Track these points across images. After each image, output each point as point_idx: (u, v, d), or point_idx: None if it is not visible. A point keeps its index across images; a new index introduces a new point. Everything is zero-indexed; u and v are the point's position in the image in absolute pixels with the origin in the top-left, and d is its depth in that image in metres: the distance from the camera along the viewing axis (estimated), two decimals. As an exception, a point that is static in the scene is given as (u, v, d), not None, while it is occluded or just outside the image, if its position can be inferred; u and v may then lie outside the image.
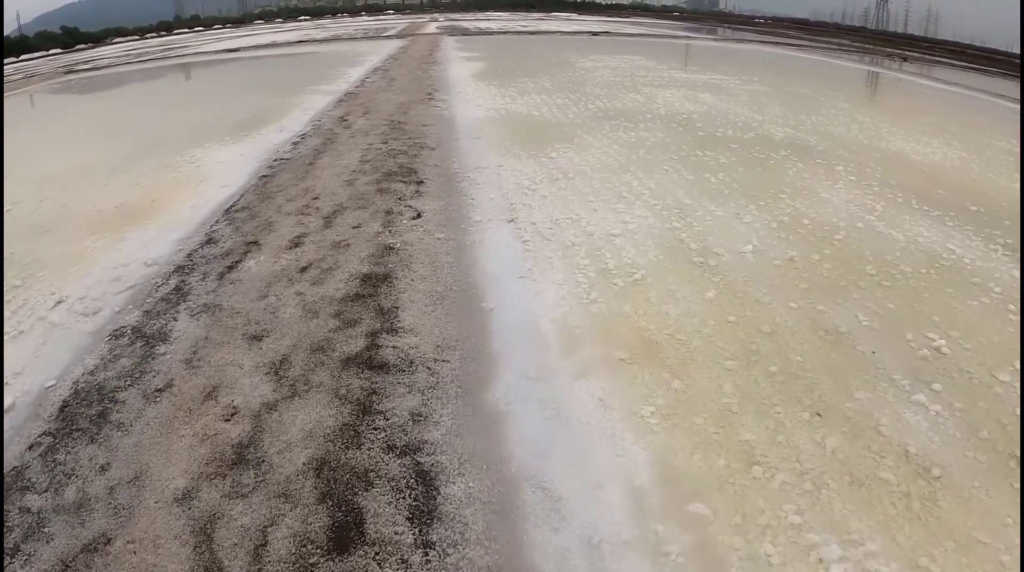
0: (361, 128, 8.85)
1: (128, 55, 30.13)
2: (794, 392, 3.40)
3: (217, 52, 27.18)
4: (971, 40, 41.41)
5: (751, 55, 21.61)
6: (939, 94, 15.04)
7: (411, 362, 3.38)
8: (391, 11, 67.87)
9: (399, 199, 5.75)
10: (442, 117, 9.55)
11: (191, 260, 4.95)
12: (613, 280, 4.31)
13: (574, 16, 46.63)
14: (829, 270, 4.71)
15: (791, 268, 4.67)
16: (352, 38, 30.52)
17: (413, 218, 5.24)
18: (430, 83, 13.10)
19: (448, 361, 3.38)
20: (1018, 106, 13.97)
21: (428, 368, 3.34)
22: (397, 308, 3.88)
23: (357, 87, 12.99)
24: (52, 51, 39.38)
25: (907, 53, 27.61)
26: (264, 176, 6.93)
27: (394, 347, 3.50)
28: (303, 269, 4.47)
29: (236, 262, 4.75)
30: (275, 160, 7.57)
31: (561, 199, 5.80)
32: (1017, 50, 40.80)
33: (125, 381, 3.54)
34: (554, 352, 3.51)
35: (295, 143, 8.32)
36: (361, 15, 65.56)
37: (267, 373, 3.42)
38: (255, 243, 5.02)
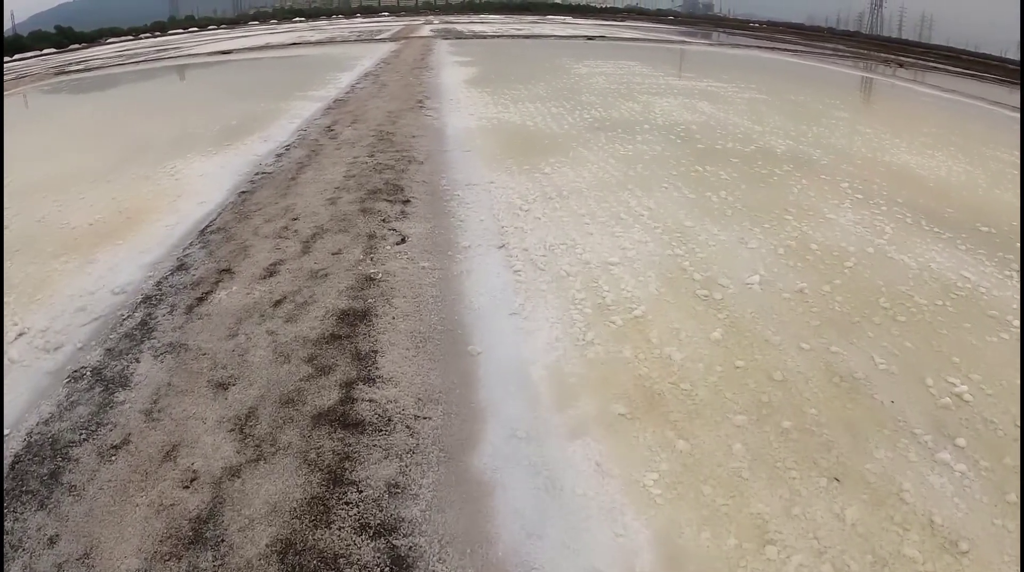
0: (348, 139, 8.50)
1: (121, 56, 29.69)
2: (809, 452, 3.07)
3: (210, 54, 26.76)
4: (965, 45, 41.30)
5: (747, 61, 21.33)
6: (938, 102, 14.79)
7: (389, 420, 3.03)
8: (386, 13, 67.46)
9: (383, 221, 5.40)
10: (432, 127, 9.20)
11: (160, 289, 4.60)
12: (611, 317, 3.98)
13: (569, 20, 46.32)
14: (841, 303, 4.39)
15: (801, 302, 4.35)
16: (346, 40, 30.14)
17: (397, 243, 4.89)
18: (421, 90, 12.75)
19: (430, 418, 3.04)
20: (1017, 114, 13.72)
21: (408, 427, 2.99)
22: (375, 352, 3.53)
23: (347, 93, 12.63)
24: (46, 51, 38.93)
25: (903, 59, 27.40)
26: (244, 192, 6.57)
27: (371, 401, 3.15)
28: (277, 303, 4.12)
29: (206, 293, 4.40)
30: (256, 174, 7.21)
31: (555, 221, 5.46)
32: (1011, 55, 40.71)
33: (80, 434, 3.19)
34: (547, 406, 3.17)
35: (279, 155, 7.96)
36: (356, 17, 65.13)
37: (231, 430, 3.08)
38: (228, 271, 4.67)
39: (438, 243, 4.93)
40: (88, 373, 3.72)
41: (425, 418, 3.03)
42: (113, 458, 3.03)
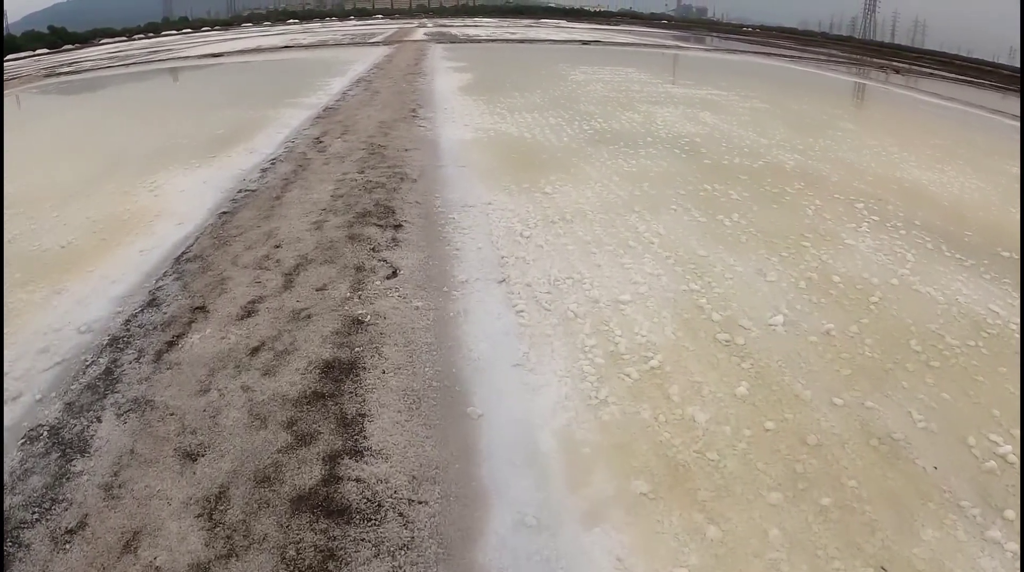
0: (337, 152, 8.06)
1: (112, 57, 29.15)
2: (852, 535, 2.68)
3: (201, 57, 26.25)
4: (957, 50, 41.22)
5: (745, 67, 21.01)
6: (940, 111, 14.49)
7: (379, 505, 2.62)
8: (379, 16, 66.92)
9: (373, 250, 4.98)
10: (426, 139, 8.78)
11: (128, 330, 4.16)
12: (626, 369, 3.57)
13: (563, 23, 45.92)
14: (871, 347, 4.01)
15: (829, 346, 3.96)
16: (338, 44, 29.65)
17: (388, 277, 4.47)
18: (415, 97, 12.32)
19: (426, 503, 2.63)
20: (1018, 123, 13.43)
21: (401, 514, 2.58)
22: (363, 416, 3.11)
23: (338, 101, 12.18)
24: (39, 51, 38.41)
25: (898, 65, 27.17)
26: (225, 213, 6.14)
27: (358, 480, 2.73)
28: (254, 350, 3.69)
29: (178, 336, 3.97)
30: (240, 192, 6.77)
31: (559, 250, 5.06)
32: (1002, 60, 40.65)
33: (33, 513, 2.78)
34: (559, 484, 2.77)
35: (264, 170, 7.52)
36: (350, 19, 64.60)
37: (200, 515, 2.66)
38: (202, 309, 4.24)
39: (432, 277, 4.52)
40: (46, 433, 3.30)
41: (421, 503, 2.62)
42: (67, 546, 2.62)
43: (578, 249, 5.04)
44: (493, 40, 28.33)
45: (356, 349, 3.62)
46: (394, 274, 4.46)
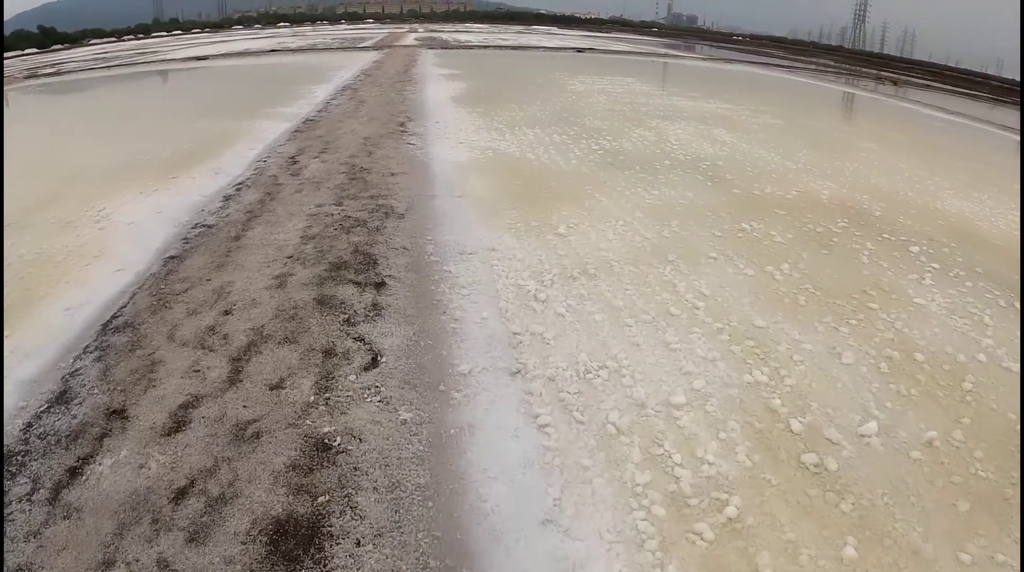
0: (313, 176, 6.92)
1: (98, 59, 27.90)
2: None
3: (185, 60, 25.02)
4: (946, 60, 40.62)
5: (746, 78, 20.05)
6: (952, 128, 13.59)
7: None
8: (371, 20, 65.60)
9: (347, 322, 3.84)
10: (415, 160, 7.65)
11: (27, 442, 3.02)
12: (695, 526, 2.48)
13: (555, 30, 44.85)
14: (983, 462, 2.97)
15: (935, 465, 2.91)
16: (327, 48, 28.42)
17: (365, 367, 3.35)
18: (404, 108, 11.17)
19: None
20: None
21: None
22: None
23: (320, 111, 11.01)
24: (28, 51, 37.21)
25: (895, 76, 26.38)
26: (173, 257, 4.98)
27: None
28: (179, 494, 2.56)
29: (85, 458, 2.83)
30: (195, 227, 5.62)
31: (585, 321, 3.95)
32: (990, 71, 40.10)
33: None
34: None
35: (227, 197, 6.37)
36: (341, 23, 63.33)
37: None
38: (121, 414, 3.10)
39: (424, 366, 3.39)
40: None
41: None
42: None
43: (609, 319, 3.93)
44: (486, 46, 27.20)
45: (320, 498, 2.49)
46: (373, 363, 3.34)
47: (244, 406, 3.04)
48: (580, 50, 25.23)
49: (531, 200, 6.23)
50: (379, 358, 3.40)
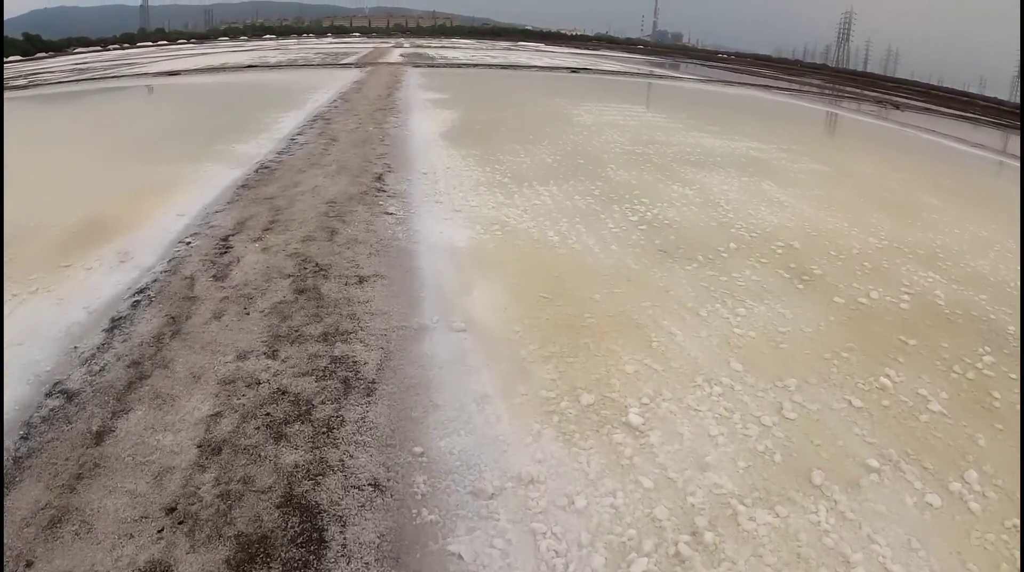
0: (244, 282, 4.41)
1: (75, 69, 25.33)
2: None
3: (157, 75, 22.33)
4: (928, 78, 39.04)
5: (754, 105, 17.82)
6: (986, 166, 11.54)
7: None
8: (357, 33, 62.80)
9: None
10: (395, 248, 5.16)
11: None
12: None
13: (543, 47, 42.43)
14: None
15: None
16: (308, 64, 25.76)
17: None
18: (383, 150, 8.66)
19: None
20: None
21: None
22: None
23: (281, 153, 8.47)
24: (12, 58, 34.52)
25: (899, 100, 24.38)
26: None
27: None
28: None
29: None
30: (49, 397, 3.09)
31: None
32: (974, 90, 38.61)
33: None
34: None
35: (113, 325, 3.85)
36: (327, 36, 60.64)
37: None
38: None
39: None
40: None
41: None
42: None
43: None
44: (474, 65, 24.69)
45: None
46: None
47: None
48: (574, 70, 22.82)
49: (572, 334, 3.78)
50: None
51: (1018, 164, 12.26)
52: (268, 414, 3.00)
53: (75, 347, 3.69)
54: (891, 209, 7.16)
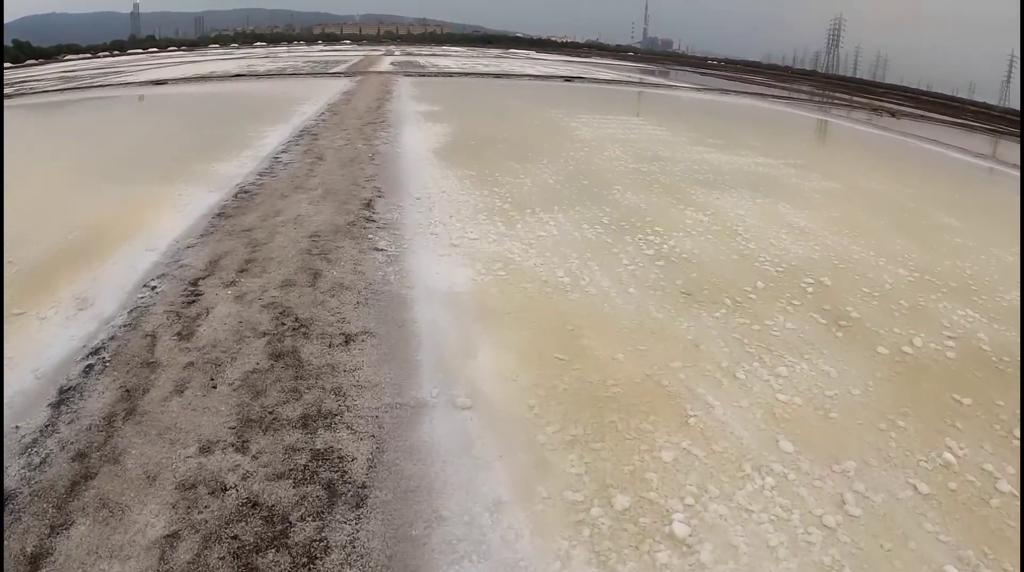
0: (213, 340, 3.78)
1: (61, 78, 24.76)
2: None
3: (143, 84, 21.63)
4: (917, 83, 38.87)
5: (753, 115, 17.33)
6: (997, 179, 11.06)
7: None
8: (348, 41, 62.08)
9: None
10: (385, 292, 4.54)
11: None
12: None
13: (533, 54, 41.90)
14: None
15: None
16: (297, 73, 25.07)
17: None
18: (372, 171, 8.05)
19: None
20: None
21: None
22: None
23: (263, 174, 7.83)
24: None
25: (892, 107, 24.03)
26: None
27: None
28: None
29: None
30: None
31: None
32: (963, 94, 38.47)
33: None
34: None
35: (53, 413, 3.24)
36: (317, 43, 59.93)
37: None
38: None
39: None
40: None
41: None
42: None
43: None
44: (466, 73, 24.08)
45: None
46: None
47: None
48: (568, 79, 22.27)
49: (596, 410, 3.18)
50: None
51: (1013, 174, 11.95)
52: (235, 537, 2.37)
53: (17, 427, 3.06)
54: (912, 232, 6.67)
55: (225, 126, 11.64)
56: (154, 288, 4.62)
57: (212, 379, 3.38)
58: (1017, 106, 33.27)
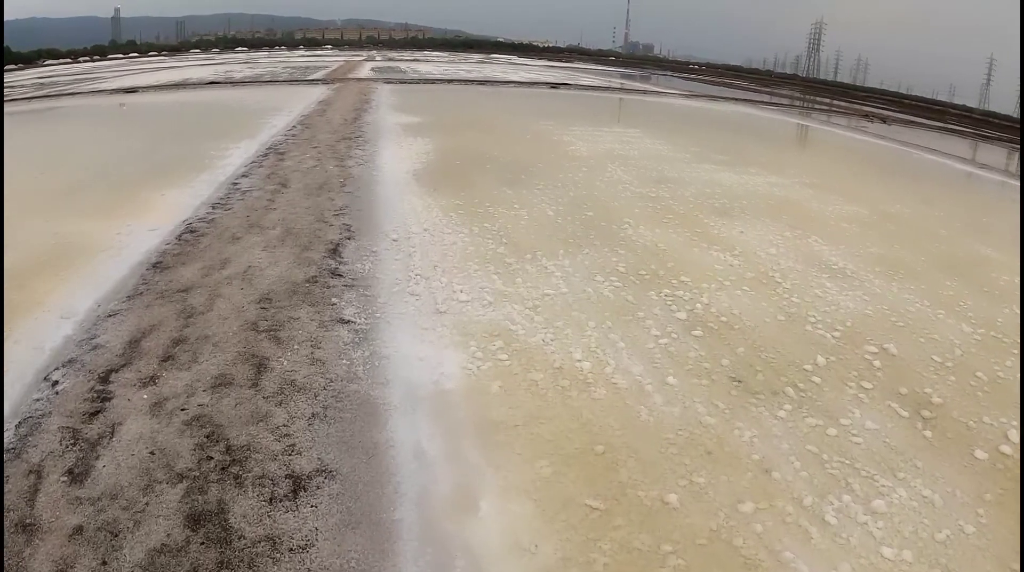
0: (114, 486, 2.63)
1: (35, 85, 22.74)
2: None
3: (113, 92, 20.22)
4: (897, 87, 38.43)
5: (747, 123, 16.39)
6: (1009, 193, 10.21)
7: None
8: (329, 46, 60.41)
9: None
10: (351, 396, 3.37)
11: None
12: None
13: (516, 59, 40.70)
14: None
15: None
16: (274, 79, 23.68)
17: None
18: (344, 202, 6.85)
19: None
20: None
21: None
22: None
23: (216, 206, 6.60)
24: None
25: (883, 114, 23.29)
26: None
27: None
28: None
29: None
30: None
31: None
32: (943, 97, 38.06)
33: None
34: None
35: None
36: (299, 48, 58.28)
37: None
38: None
39: None
40: None
41: None
42: None
43: None
44: (449, 80, 22.85)
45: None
46: None
47: None
48: (555, 86, 21.15)
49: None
50: None
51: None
52: None
53: None
54: (957, 269, 5.71)
55: (186, 142, 10.33)
56: (55, 384, 3.41)
57: (104, 562, 2.19)
58: (997, 109, 32.89)
